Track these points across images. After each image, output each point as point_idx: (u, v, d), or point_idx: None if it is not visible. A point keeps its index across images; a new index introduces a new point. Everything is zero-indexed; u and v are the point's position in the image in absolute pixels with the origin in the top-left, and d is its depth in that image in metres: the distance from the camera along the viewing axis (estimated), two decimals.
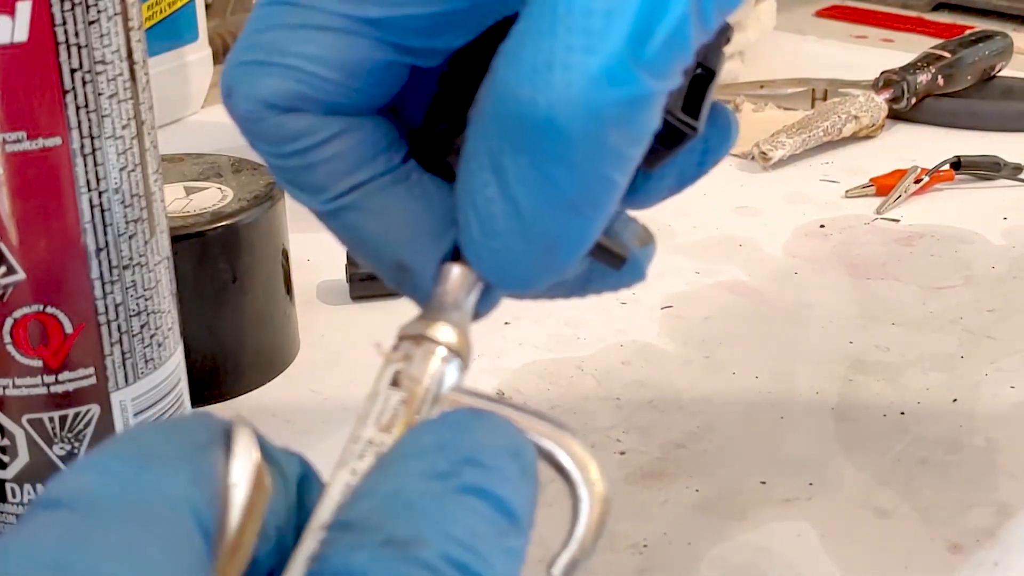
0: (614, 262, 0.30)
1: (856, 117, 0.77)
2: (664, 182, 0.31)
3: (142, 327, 0.39)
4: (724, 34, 0.29)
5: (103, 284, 0.38)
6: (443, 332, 0.26)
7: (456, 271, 0.28)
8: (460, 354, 0.27)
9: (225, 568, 0.22)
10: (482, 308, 0.28)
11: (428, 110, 0.30)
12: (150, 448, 0.23)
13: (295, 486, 0.25)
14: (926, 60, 0.81)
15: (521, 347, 0.56)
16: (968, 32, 0.87)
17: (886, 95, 0.79)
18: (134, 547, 0.21)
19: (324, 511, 0.24)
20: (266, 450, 0.25)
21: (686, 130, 0.28)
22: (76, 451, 0.39)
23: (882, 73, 0.81)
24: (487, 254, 0.26)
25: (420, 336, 0.26)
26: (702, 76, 0.29)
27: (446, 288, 0.28)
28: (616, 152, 0.25)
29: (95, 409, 0.39)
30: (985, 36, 0.85)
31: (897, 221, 0.69)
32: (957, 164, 0.72)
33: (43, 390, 0.38)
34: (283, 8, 0.27)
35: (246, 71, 0.28)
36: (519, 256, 0.26)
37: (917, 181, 0.71)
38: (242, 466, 0.23)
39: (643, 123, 0.25)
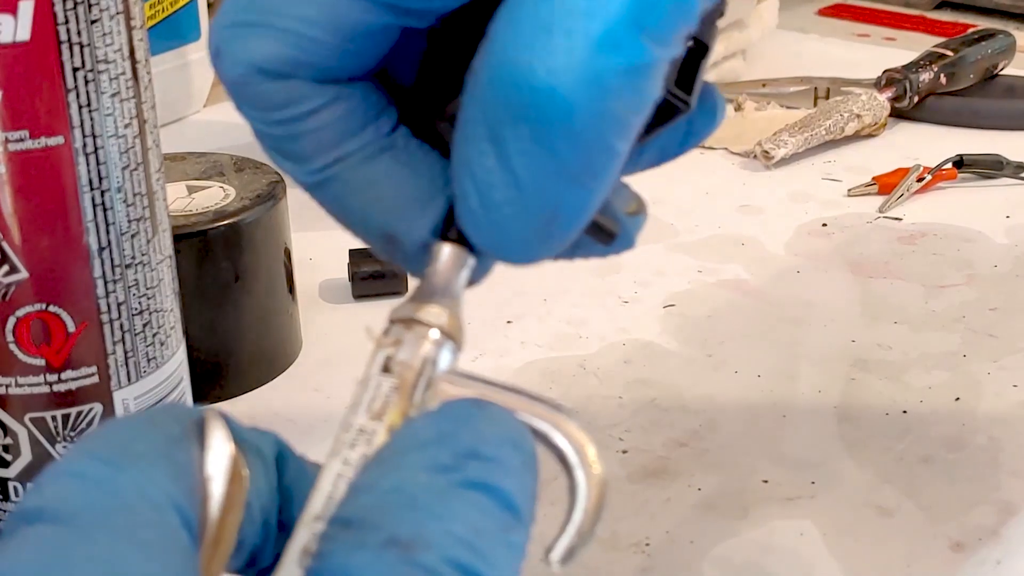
0: (603, 238, 0.29)
1: (858, 116, 0.77)
2: (645, 156, 0.30)
3: (144, 326, 0.39)
4: (718, 8, 0.28)
5: (105, 283, 0.38)
6: (434, 314, 0.26)
7: (447, 250, 0.27)
8: (452, 336, 0.26)
9: (209, 562, 0.22)
10: (475, 276, 0.28)
11: (418, 70, 0.29)
12: (126, 446, 0.23)
13: (273, 465, 0.25)
14: (928, 59, 0.81)
15: (523, 346, 0.56)
16: (970, 31, 0.87)
17: (888, 94, 0.79)
18: (120, 559, 0.20)
19: (316, 502, 0.24)
20: (240, 434, 0.24)
21: (679, 105, 0.27)
22: None
23: (884, 72, 0.81)
24: (486, 226, 0.25)
25: (411, 319, 0.26)
26: (695, 50, 0.27)
27: (437, 268, 0.27)
28: (618, 121, 0.24)
29: (98, 408, 0.39)
30: (988, 34, 0.85)
31: (899, 220, 0.69)
32: (959, 163, 0.72)
33: (46, 389, 0.38)
34: None
35: (237, 32, 0.27)
36: (518, 228, 0.25)
37: (919, 180, 0.71)
38: (216, 458, 0.23)
39: (646, 91, 0.24)
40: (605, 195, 0.26)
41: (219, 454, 0.23)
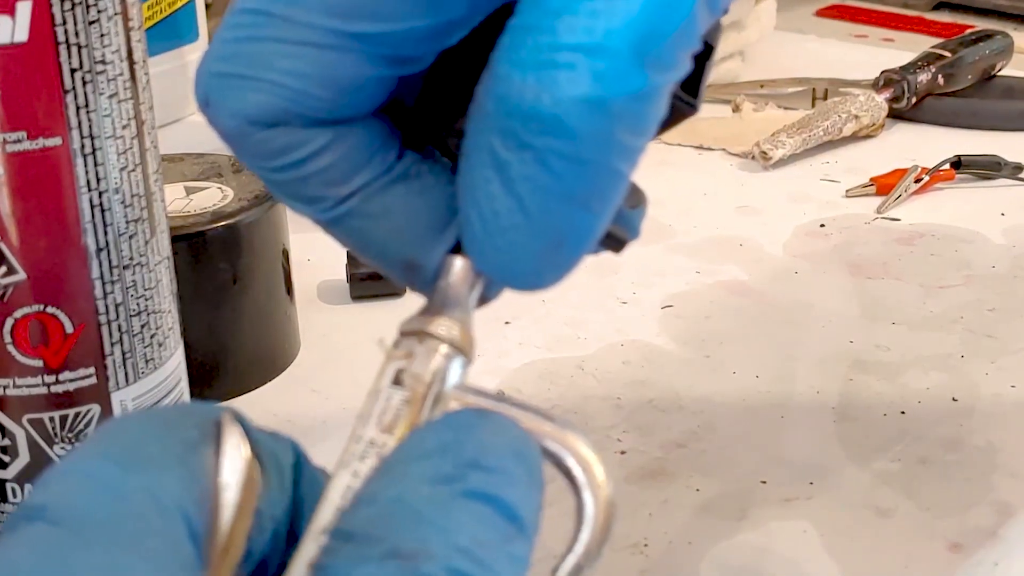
0: (615, 245, 0.29)
1: (856, 116, 0.77)
2: None
3: (142, 327, 0.39)
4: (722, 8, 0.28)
5: (103, 284, 0.38)
6: (446, 328, 0.26)
7: (458, 264, 0.27)
8: (463, 350, 0.26)
9: (217, 569, 0.22)
10: (490, 294, 0.28)
11: (420, 91, 0.28)
12: (138, 447, 0.22)
13: (289, 473, 0.25)
14: (926, 59, 0.81)
15: (521, 347, 0.56)
16: (968, 31, 0.87)
17: (886, 94, 0.79)
18: (120, 569, 0.20)
19: (324, 514, 0.23)
20: (257, 440, 0.24)
21: (686, 109, 0.27)
22: None
23: (882, 72, 0.81)
24: (491, 252, 0.25)
25: (422, 332, 0.26)
26: (700, 52, 0.27)
27: (448, 282, 0.27)
28: (623, 145, 0.24)
29: (96, 409, 0.39)
30: (985, 35, 0.85)
31: (898, 220, 0.69)
32: (957, 163, 0.72)
33: (43, 390, 0.38)
34: (263, 19, 0.26)
35: (226, 83, 0.26)
36: (525, 253, 0.25)
37: (917, 180, 0.71)
38: (232, 466, 0.23)
39: (650, 115, 0.24)
40: (612, 216, 0.25)
41: (235, 461, 0.23)
